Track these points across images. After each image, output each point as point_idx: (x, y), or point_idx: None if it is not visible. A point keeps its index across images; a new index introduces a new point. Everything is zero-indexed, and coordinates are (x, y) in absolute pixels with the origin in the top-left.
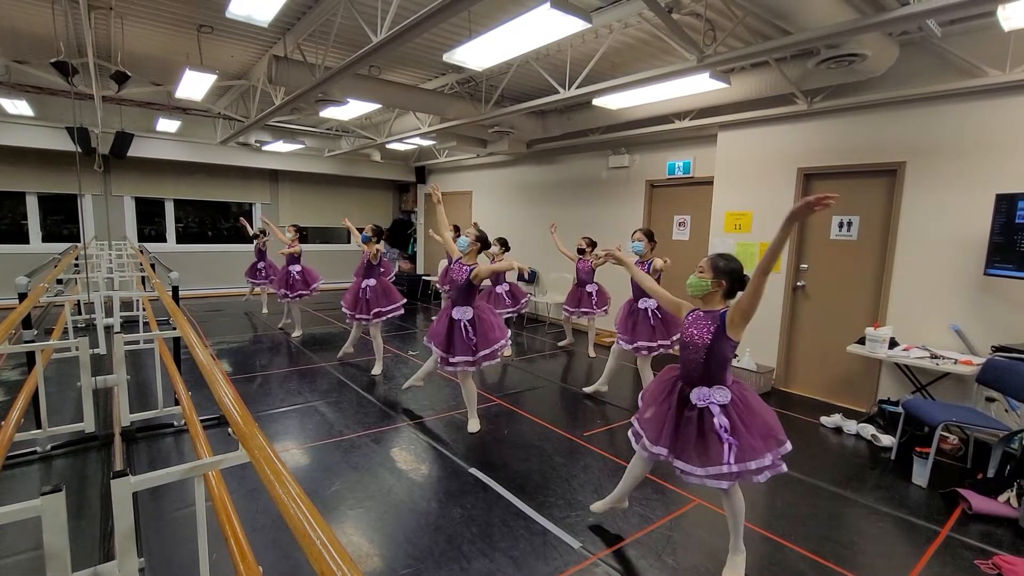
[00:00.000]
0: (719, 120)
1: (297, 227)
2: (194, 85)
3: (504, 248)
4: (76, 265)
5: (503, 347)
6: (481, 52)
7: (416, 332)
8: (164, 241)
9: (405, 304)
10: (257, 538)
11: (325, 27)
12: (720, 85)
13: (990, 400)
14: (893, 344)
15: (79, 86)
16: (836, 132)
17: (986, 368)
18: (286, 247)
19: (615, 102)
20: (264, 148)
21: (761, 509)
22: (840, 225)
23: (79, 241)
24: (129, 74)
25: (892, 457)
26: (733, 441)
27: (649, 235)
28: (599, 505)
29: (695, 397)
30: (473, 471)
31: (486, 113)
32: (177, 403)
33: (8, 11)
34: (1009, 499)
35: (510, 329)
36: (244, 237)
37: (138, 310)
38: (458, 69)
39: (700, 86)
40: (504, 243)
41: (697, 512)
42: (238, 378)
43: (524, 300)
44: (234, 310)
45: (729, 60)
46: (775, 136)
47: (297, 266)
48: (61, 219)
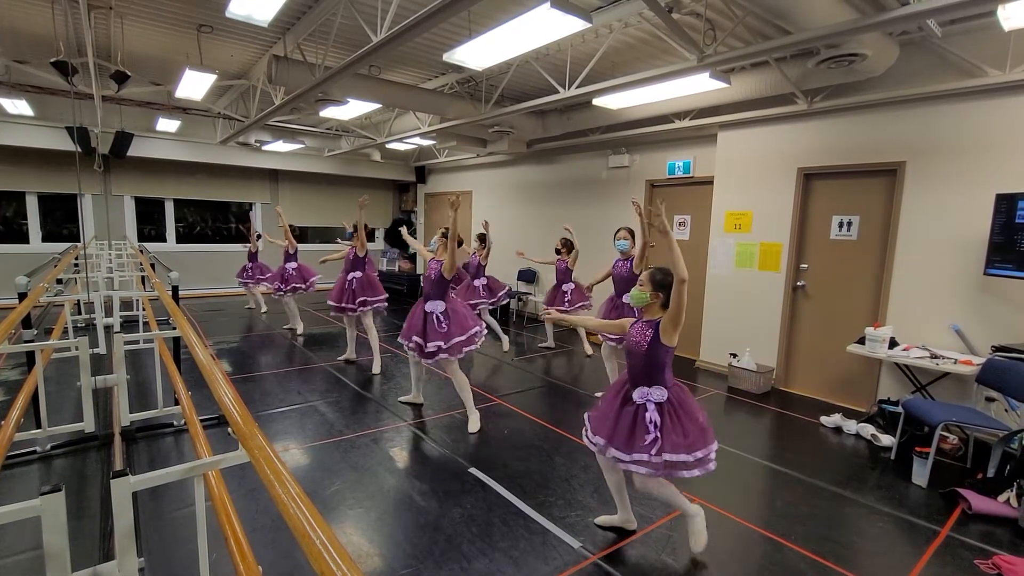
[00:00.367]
0: (719, 120)
1: (291, 227)
2: (194, 85)
3: (483, 244)
4: (76, 265)
5: (479, 335)
6: (481, 52)
7: None
8: (164, 241)
9: (390, 299)
10: (257, 538)
11: (325, 27)
12: (720, 85)
13: (990, 400)
14: (893, 344)
15: (79, 86)
16: (836, 132)
17: (986, 368)
18: (285, 244)
19: (615, 102)
20: (264, 148)
21: (761, 509)
22: (840, 225)
23: (79, 241)
24: (129, 74)
25: (892, 457)
26: (656, 435)
27: (633, 233)
28: (604, 519)
29: (636, 395)
30: (473, 471)
31: (486, 113)
32: (177, 403)
33: (8, 11)
34: (1009, 499)
35: (495, 319)
36: (244, 237)
37: (138, 310)
38: (458, 69)
39: (700, 86)
40: (482, 239)
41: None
42: (238, 378)
43: (501, 293)
44: (234, 310)
45: (729, 60)
46: (775, 136)
47: (293, 263)
48: (61, 218)
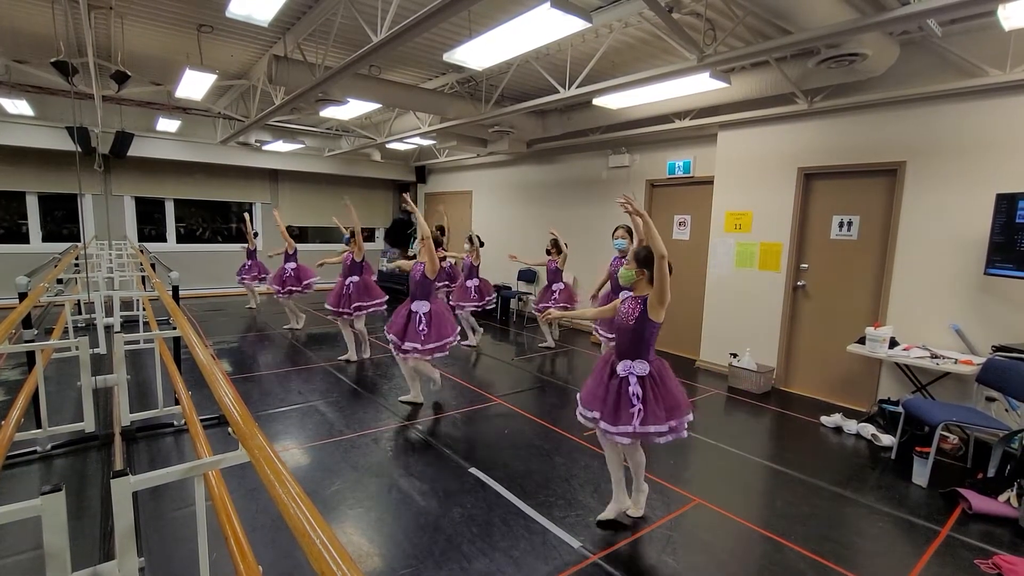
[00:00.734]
0: (719, 120)
1: (289, 227)
2: (194, 85)
3: (472, 245)
4: (76, 265)
5: (451, 343)
6: (481, 52)
7: None
8: (164, 241)
9: (388, 301)
10: (257, 538)
11: (325, 27)
12: (720, 85)
13: (990, 400)
14: (893, 344)
15: (79, 86)
16: (836, 132)
17: (986, 368)
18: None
19: (615, 102)
20: (264, 148)
21: (761, 509)
22: (840, 225)
23: (79, 241)
24: (129, 74)
25: (892, 457)
26: (639, 407)
27: (631, 231)
28: (603, 515)
29: (620, 368)
30: (473, 471)
31: (486, 113)
32: (177, 403)
33: (8, 11)
34: (1009, 499)
35: (478, 323)
36: (244, 236)
37: (138, 310)
38: (458, 69)
39: (700, 86)
40: (471, 240)
41: (697, 512)
42: (238, 378)
43: (489, 297)
44: (234, 310)
45: (729, 60)
46: (775, 136)
47: (292, 263)
48: (61, 218)
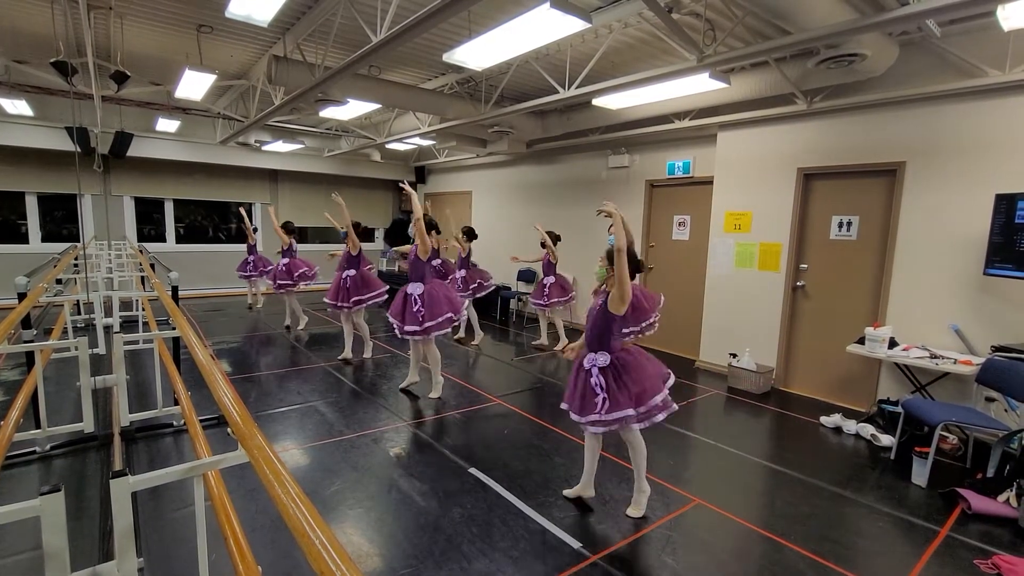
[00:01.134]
0: (719, 120)
1: (285, 224)
2: (194, 85)
3: (468, 238)
4: (75, 265)
5: (450, 320)
6: (481, 52)
7: None
8: (164, 241)
9: (388, 291)
10: (256, 538)
11: (325, 27)
12: (720, 85)
13: (990, 400)
14: (893, 344)
15: (79, 86)
16: (836, 132)
17: (986, 368)
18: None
19: (615, 102)
20: (264, 148)
21: (761, 509)
22: (840, 225)
23: (78, 241)
24: (129, 74)
25: (892, 457)
26: (604, 396)
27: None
28: (571, 491)
29: (586, 361)
30: (473, 471)
31: (486, 113)
32: (176, 403)
33: (8, 11)
34: (1008, 499)
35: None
36: (244, 236)
37: (137, 310)
38: (458, 69)
39: (700, 86)
40: (467, 233)
41: (697, 512)
42: (237, 378)
43: (474, 285)
44: (234, 310)
45: (729, 60)
46: (775, 136)
47: (285, 259)
48: (61, 219)
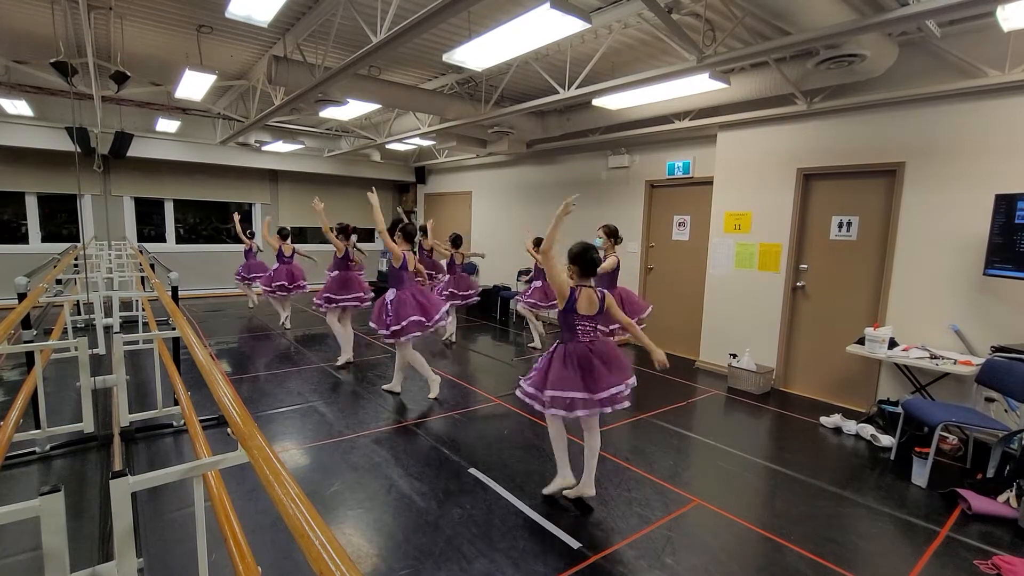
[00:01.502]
0: (719, 120)
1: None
2: (194, 85)
3: (453, 245)
4: (75, 265)
5: (418, 324)
6: (481, 52)
7: None
8: (163, 241)
9: (361, 297)
10: (256, 538)
11: (325, 27)
12: (720, 85)
13: (989, 400)
14: (892, 344)
15: (79, 86)
16: (835, 132)
17: (985, 368)
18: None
19: (615, 102)
20: (264, 148)
21: (761, 509)
22: (840, 225)
23: (78, 241)
24: (128, 74)
25: (891, 457)
26: (534, 371)
27: (608, 232)
28: (549, 488)
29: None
30: (473, 471)
31: (486, 113)
32: (176, 403)
33: (8, 11)
34: (1008, 499)
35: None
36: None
37: (137, 310)
38: (458, 69)
39: (700, 86)
40: (452, 240)
41: (697, 512)
42: (237, 378)
43: (446, 293)
44: (234, 310)
45: (729, 60)
46: (775, 136)
47: (276, 264)
48: (61, 219)
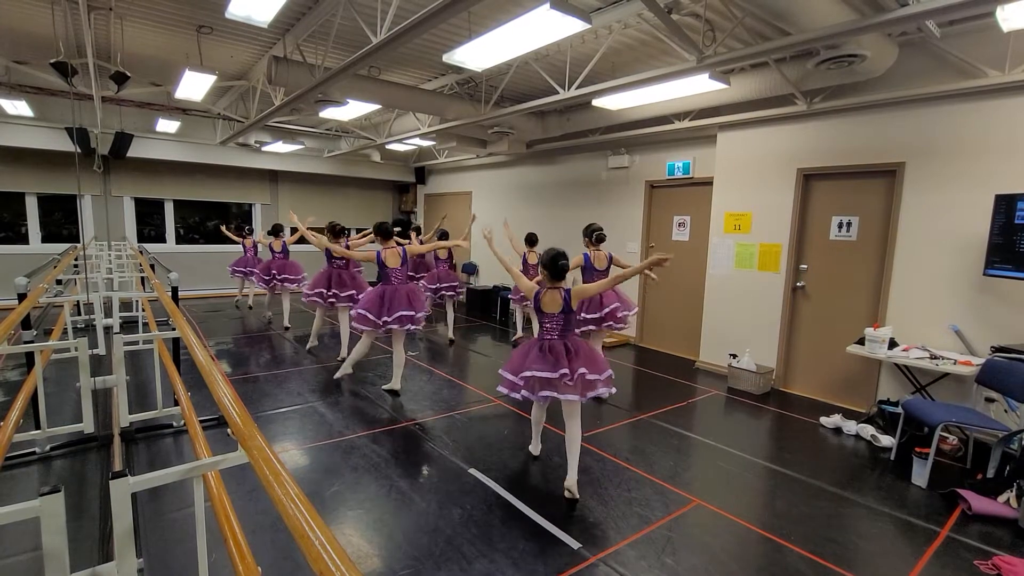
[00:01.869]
0: (719, 120)
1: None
2: (194, 85)
3: (439, 239)
4: (75, 265)
5: (358, 316)
6: (481, 53)
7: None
8: (163, 242)
9: (338, 295)
10: (256, 539)
11: (325, 28)
12: (719, 86)
13: (990, 400)
14: (892, 344)
15: (79, 87)
16: (835, 133)
17: (985, 369)
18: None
19: (615, 103)
20: (264, 149)
21: (761, 510)
22: (840, 226)
23: (78, 242)
24: (128, 75)
25: (892, 457)
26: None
27: (585, 231)
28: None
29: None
30: (473, 471)
31: (486, 114)
32: (176, 403)
33: (8, 11)
34: (1008, 499)
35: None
36: (238, 240)
37: (137, 311)
38: (458, 70)
39: (700, 87)
40: (441, 237)
41: (697, 513)
42: (237, 378)
43: (433, 287)
44: (234, 311)
45: (729, 61)
46: (775, 137)
47: (277, 259)
48: (61, 219)
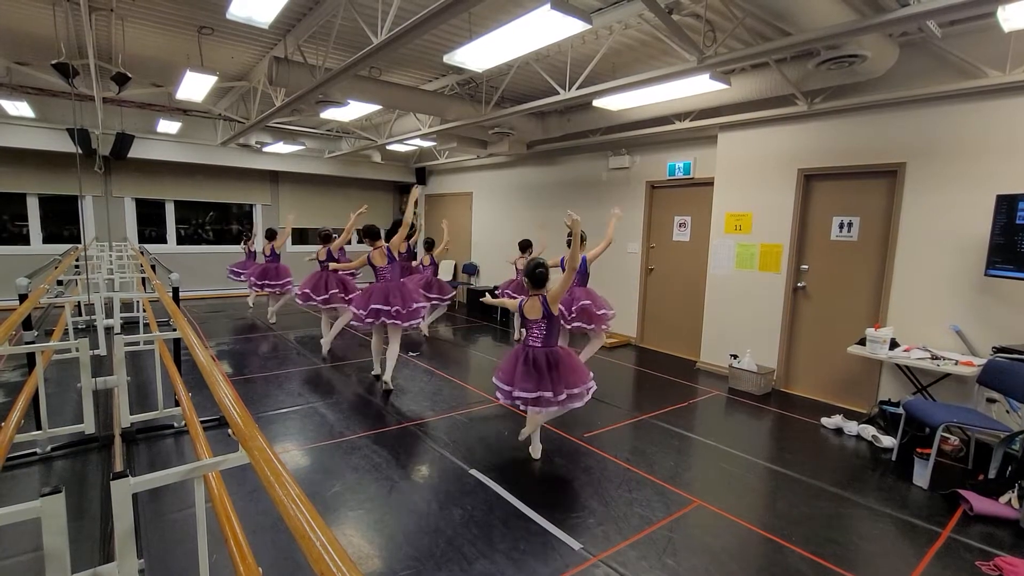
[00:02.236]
0: (719, 121)
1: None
2: (195, 86)
3: (426, 248)
4: (76, 266)
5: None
6: (481, 53)
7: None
8: (164, 242)
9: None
10: (257, 539)
11: (325, 28)
12: (720, 86)
13: (991, 401)
14: (894, 345)
15: (80, 88)
16: (836, 133)
17: (987, 369)
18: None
19: (615, 103)
20: (264, 149)
21: (762, 510)
22: (840, 226)
23: (80, 242)
24: (130, 76)
25: (893, 458)
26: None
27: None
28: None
29: None
30: (474, 472)
31: (486, 114)
32: (177, 404)
33: (9, 13)
34: (1010, 500)
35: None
36: (241, 238)
37: (138, 311)
38: (458, 70)
39: (700, 87)
40: (425, 244)
41: (698, 513)
42: (238, 379)
43: (428, 294)
44: (235, 311)
45: (729, 61)
46: (775, 137)
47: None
48: (62, 220)
